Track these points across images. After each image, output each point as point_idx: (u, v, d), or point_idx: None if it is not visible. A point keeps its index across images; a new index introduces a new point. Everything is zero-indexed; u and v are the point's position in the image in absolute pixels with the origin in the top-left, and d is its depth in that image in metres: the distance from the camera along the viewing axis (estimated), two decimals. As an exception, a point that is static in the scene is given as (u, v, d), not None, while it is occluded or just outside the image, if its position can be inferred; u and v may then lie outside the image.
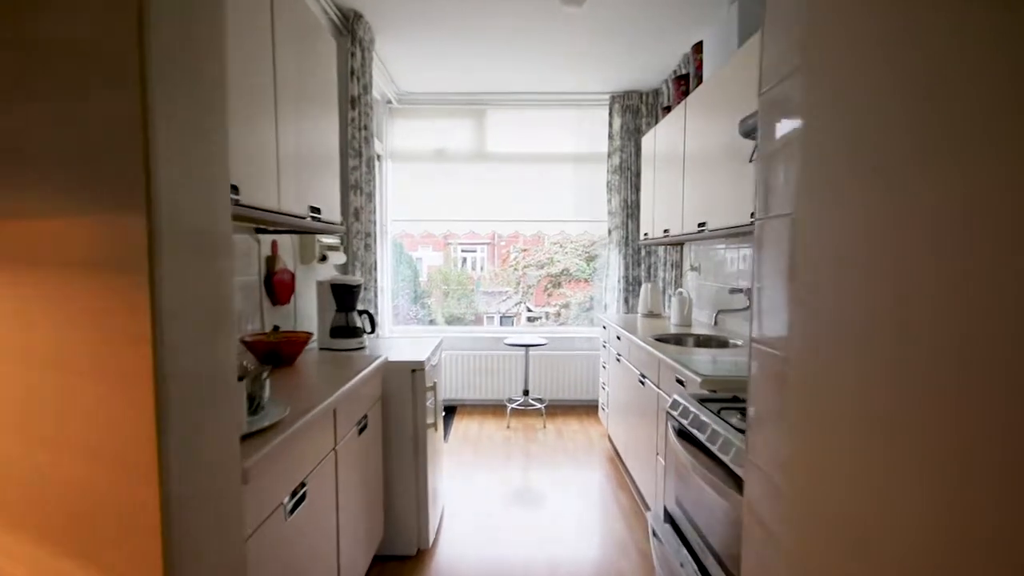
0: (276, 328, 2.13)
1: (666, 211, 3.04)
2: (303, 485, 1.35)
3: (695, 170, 2.60)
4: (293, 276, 2.35)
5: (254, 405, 1.27)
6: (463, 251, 6.73)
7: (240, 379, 1.19)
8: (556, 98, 4.24)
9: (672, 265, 3.76)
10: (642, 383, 2.53)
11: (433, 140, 4.34)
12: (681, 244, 3.64)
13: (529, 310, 6.12)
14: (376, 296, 3.22)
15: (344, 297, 2.43)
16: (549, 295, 6.25)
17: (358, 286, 2.46)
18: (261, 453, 1.08)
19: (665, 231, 3.05)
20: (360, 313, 2.49)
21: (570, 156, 4.35)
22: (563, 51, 3.45)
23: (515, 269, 6.70)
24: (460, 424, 3.94)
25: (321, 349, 2.41)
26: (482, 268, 6.64)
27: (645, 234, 3.47)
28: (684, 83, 3.07)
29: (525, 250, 6.47)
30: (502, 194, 4.36)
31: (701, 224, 2.48)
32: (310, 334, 2.09)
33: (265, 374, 1.29)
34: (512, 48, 3.40)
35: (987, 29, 0.44)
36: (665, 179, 3.11)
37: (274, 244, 2.22)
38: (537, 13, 2.83)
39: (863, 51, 0.59)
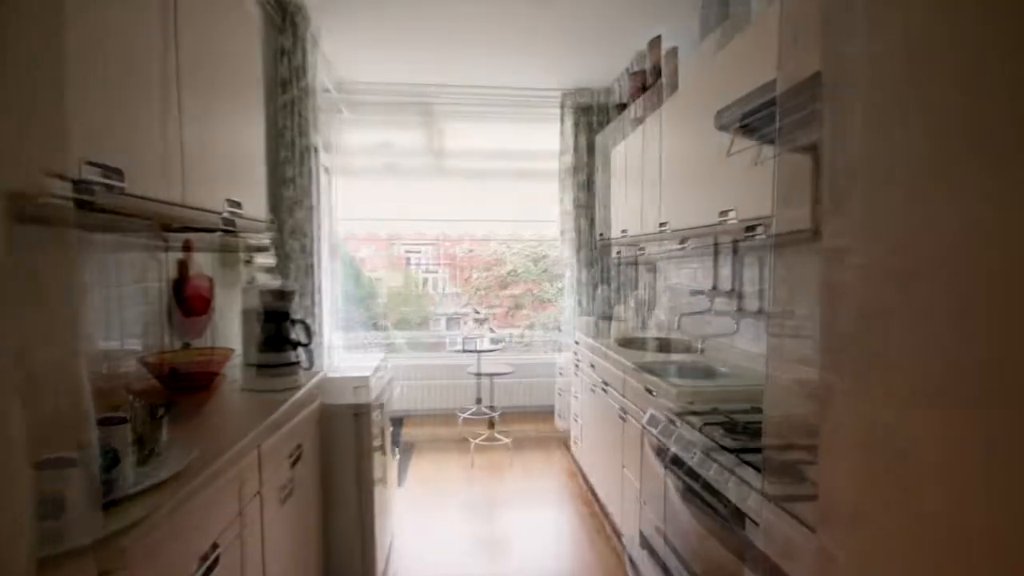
0: (187, 345, 1.80)
1: (629, 213, 2.92)
2: (215, 547, 1.07)
3: (674, 174, 2.48)
4: (212, 282, 2.02)
5: (145, 452, 0.99)
6: (406, 251, 6.42)
7: (121, 421, 0.90)
8: (504, 94, 4.05)
9: (629, 264, 3.66)
10: (604, 392, 2.39)
11: (380, 136, 4.03)
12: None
13: (492, 331, 5.86)
14: (315, 303, 2.90)
15: (274, 305, 2.12)
16: (512, 316, 5.95)
17: (291, 292, 2.15)
18: (148, 523, 0.80)
19: (623, 231, 2.93)
20: (294, 323, 2.18)
21: (521, 154, 4.17)
22: (514, 44, 3.27)
23: (476, 290, 6.35)
24: (420, 463, 3.66)
25: (248, 366, 2.09)
26: (444, 289, 6.41)
27: (601, 234, 3.35)
28: (640, 78, 2.96)
29: (471, 251, 6.29)
30: (451, 194, 4.12)
31: (663, 224, 2.36)
32: (230, 351, 1.78)
33: (160, 412, 1.01)
34: (460, 38, 3.19)
35: None
36: (636, 184, 2.99)
37: (187, 244, 1.88)
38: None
39: None
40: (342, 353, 3.97)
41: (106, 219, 1.17)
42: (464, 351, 3.66)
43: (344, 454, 1.94)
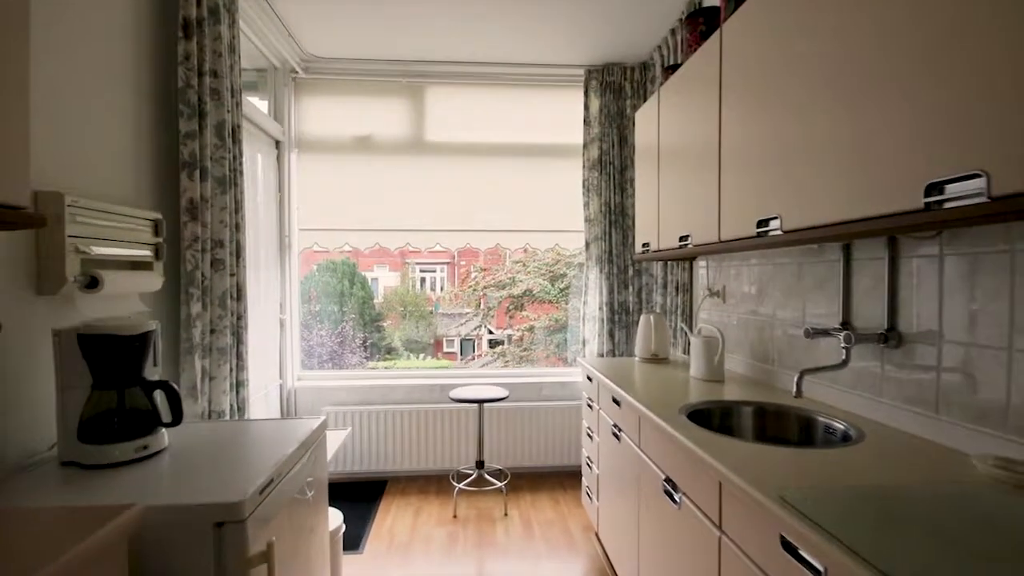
0: None
1: (685, 212, 1.97)
2: None
3: (794, 142, 1.54)
4: (-21, 323, 1.12)
5: None
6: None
7: None
8: (514, 72, 3.17)
9: (678, 288, 2.68)
10: (670, 496, 1.41)
11: (355, 125, 3.17)
12: (691, 259, 2.58)
13: (491, 332, 5.49)
14: (239, 341, 1.99)
15: (109, 362, 1.21)
16: (511, 317, 5.35)
17: (144, 337, 1.25)
18: None
19: (683, 240, 1.97)
20: (153, 388, 1.27)
21: (534, 148, 3.26)
22: (525, 8, 2.40)
23: (474, 289, 5.91)
24: (389, 510, 2.70)
25: (64, 464, 1.19)
26: (442, 288, 5.97)
27: (645, 245, 2.39)
28: (698, 24, 2.03)
29: (485, 269, 5.60)
30: (449, 196, 3.22)
31: (768, 224, 1.40)
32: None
33: None
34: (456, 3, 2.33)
35: None
36: (687, 166, 2.04)
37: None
38: None
39: None
40: (308, 397, 3.05)
41: None
42: (460, 401, 2.71)
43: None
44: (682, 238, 1.95)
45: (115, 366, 1.23)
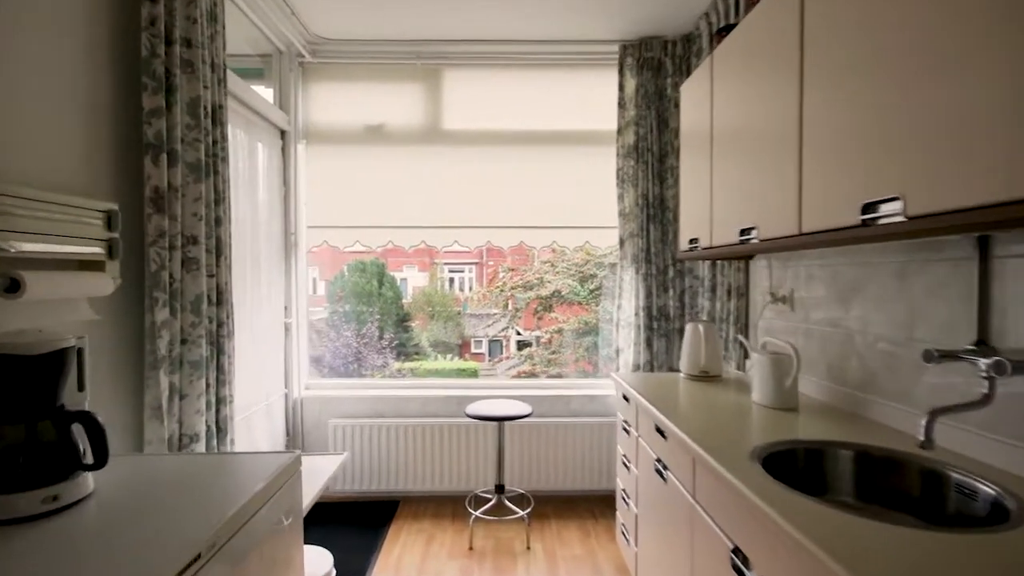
0: None
1: (748, 201, 1.58)
2: None
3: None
4: None
5: None
6: (437, 262, 5.74)
7: None
8: (539, 51, 2.82)
9: (731, 292, 2.28)
10: (739, 569, 1.04)
11: (366, 113, 2.88)
12: (747, 258, 2.17)
13: (519, 333, 5.35)
14: (220, 350, 1.71)
15: (11, 388, 0.93)
16: (539, 318, 5.20)
17: (54, 357, 0.96)
18: None
19: (746, 233, 1.58)
20: (69, 420, 0.99)
21: (561, 136, 2.90)
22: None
23: (501, 290, 5.76)
24: (398, 537, 2.40)
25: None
26: (470, 288, 5.79)
27: (692, 242, 2.00)
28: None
29: (513, 269, 5.42)
30: (468, 190, 2.90)
31: (876, 208, 1.02)
32: None
33: None
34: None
35: None
36: (752, 145, 1.66)
37: None
38: None
39: None
40: (314, 408, 2.78)
41: None
42: (477, 418, 2.38)
43: None
44: (743, 232, 1.56)
45: (19, 393, 0.95)
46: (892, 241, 1.35)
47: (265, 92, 2.71)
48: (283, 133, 2.76)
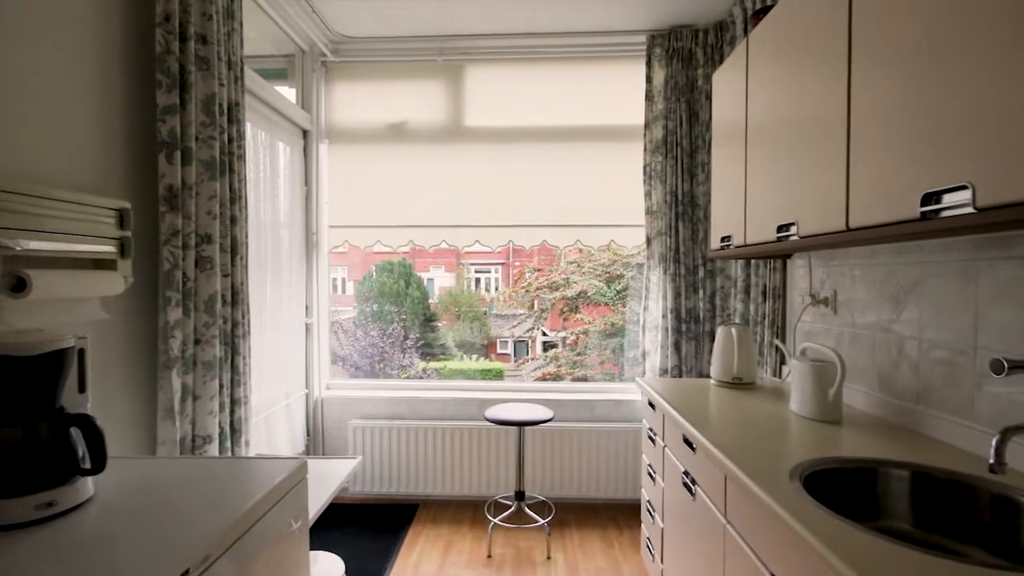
0: None
1: (788, 195, 1.45)
2: None
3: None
4: None
5: None
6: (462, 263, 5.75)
7: None
8: (563, 44, 2.73)
9: (766, 293, 2.14)
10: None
11: (388, 112, 2.85)
12: (784, 257, 2.03)
13: (544, 334, 5.30)
14: (234, 352, 1.69)
15: (8, 389, 0.91)
16: (565, 319, 5.15)
17: (53, 357, 0.93)
18: None
19: (785, 230, 1.45)
20: (67, 424, 0.96)
21: (585, 131, 2.80)
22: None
23: (527, 291, 5.77)
24: (416, 542, 2.34)
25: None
26: (496, 289, 5.81)
27: (727, 239, 1.87)
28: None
29: (539, 270, 5.40)
30: (489, 188, 2.83)
31: (933, 199, 0.89)
32: None
33: None
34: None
35: None
36: (792, 135, 1.53)
37: None
38: None
39: None
40: (335, 408, 2.76)
41: None
42: (497, 423, 2.31)
43: None
44: (781, 228, 1.43)
45: (16, 394, 0.93)
46: (954, 237, 1.20)
47: (288, 93, 2.71)
48: (305, 133, 2.75)
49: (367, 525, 2.51)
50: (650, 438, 1.93)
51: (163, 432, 1.46)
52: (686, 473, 1.50)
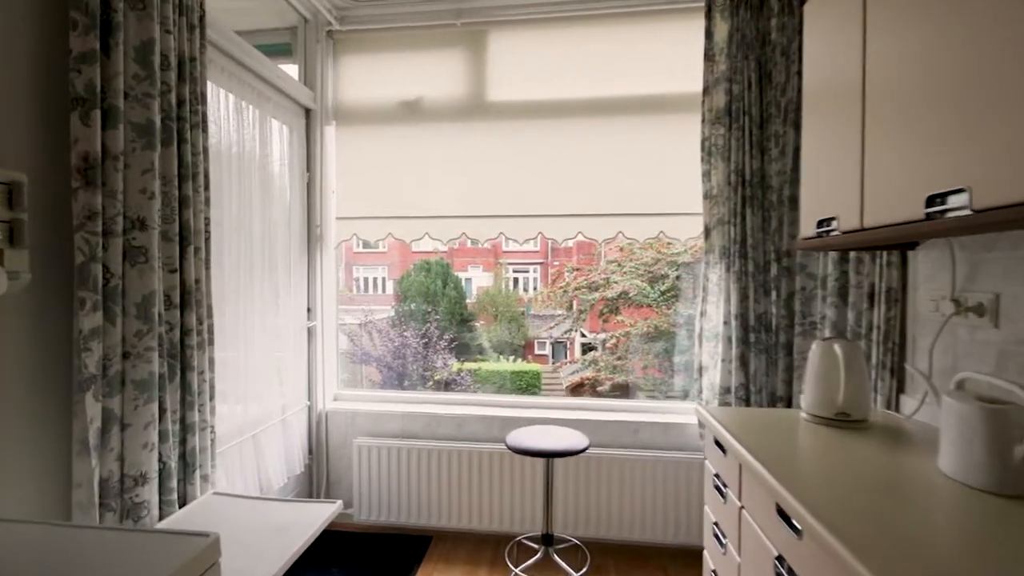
0: None
1: (939, 151, 0.95)
2: None
3: None
4: None
5: None
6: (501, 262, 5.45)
7: None
8: (602, 2, 2.27)
9: (875, 296, 1.60)
10: None
11: (401, 87, 2.47)
12: (905, 247, 1.49)
13: (583, 335, 5.03)
14: (184, 367, 1.34)
15: None
16: (605, 321, 4.82)
17: None
18: None
19: (940, 202, 0.95)
20: None
21: (629, 103, 2.32)
22: None
23: (565, 291, 5.46)
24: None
25: None
26: (535, 288, 5.56)
27: (827, 224, 1.37)
28: None
29: (578, 269, 5.01)
30: (515, 173, 2.41)
31: None
32: None
33: None
34: None
35: None
36: (946, 74, 1.02)
37: None
38: None
39: None
40: (340, 423, 2.41)
41: None
42: (520, 452, 1.88)
43: None
44: (934, 200, 0.93)
45: None
46: None
47: (292, 71, 2.38)
48: (308, 113, 2.41)
49: (371, 563, 2.14)
50: (718, 489, 1.44)
51: (78, 472, 1.12)
52: (780, 559, 1.02)
